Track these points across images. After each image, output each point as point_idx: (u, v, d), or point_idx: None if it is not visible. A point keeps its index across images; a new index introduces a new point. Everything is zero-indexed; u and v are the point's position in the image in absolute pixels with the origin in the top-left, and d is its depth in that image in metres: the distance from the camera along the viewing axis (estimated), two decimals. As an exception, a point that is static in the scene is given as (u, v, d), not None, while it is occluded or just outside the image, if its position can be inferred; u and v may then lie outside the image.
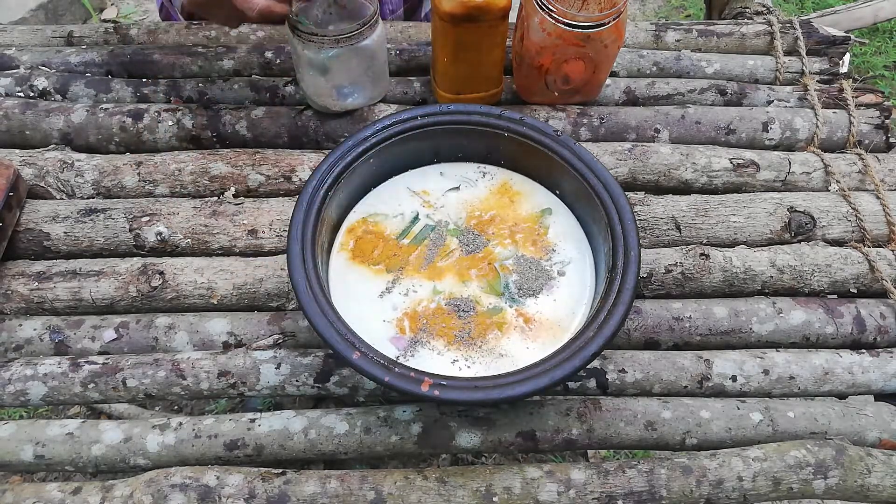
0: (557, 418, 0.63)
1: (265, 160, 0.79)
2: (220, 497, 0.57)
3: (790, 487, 0.59)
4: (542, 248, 0.67)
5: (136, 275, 0.70)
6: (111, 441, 0.61)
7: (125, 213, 0.74)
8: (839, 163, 0.83)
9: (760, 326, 0.70)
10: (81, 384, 0.64)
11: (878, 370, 0.68)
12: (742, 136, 0.85)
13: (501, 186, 0.71)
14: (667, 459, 0.60)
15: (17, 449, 0.61)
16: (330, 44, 0.72)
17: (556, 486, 0.58)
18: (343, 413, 0.63)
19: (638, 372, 0.66)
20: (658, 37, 0.95)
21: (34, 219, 0.74)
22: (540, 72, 0.79)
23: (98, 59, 0.89)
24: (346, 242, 0.67)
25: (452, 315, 0.62)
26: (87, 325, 0.68)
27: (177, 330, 0.68)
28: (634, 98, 0.88)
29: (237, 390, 0.65)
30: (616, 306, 0.56)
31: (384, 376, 0.52)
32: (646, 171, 0.80)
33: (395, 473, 0.59)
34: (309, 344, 0.68)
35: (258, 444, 0.62)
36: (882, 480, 0.60)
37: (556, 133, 0.67)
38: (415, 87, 0.87)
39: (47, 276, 0.70)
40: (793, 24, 0.95)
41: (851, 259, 0.74)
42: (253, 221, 0.74)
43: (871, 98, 0.89)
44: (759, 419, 0.64)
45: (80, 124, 0.81)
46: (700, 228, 0.76)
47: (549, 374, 0.53)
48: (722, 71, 0.92)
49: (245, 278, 0.70)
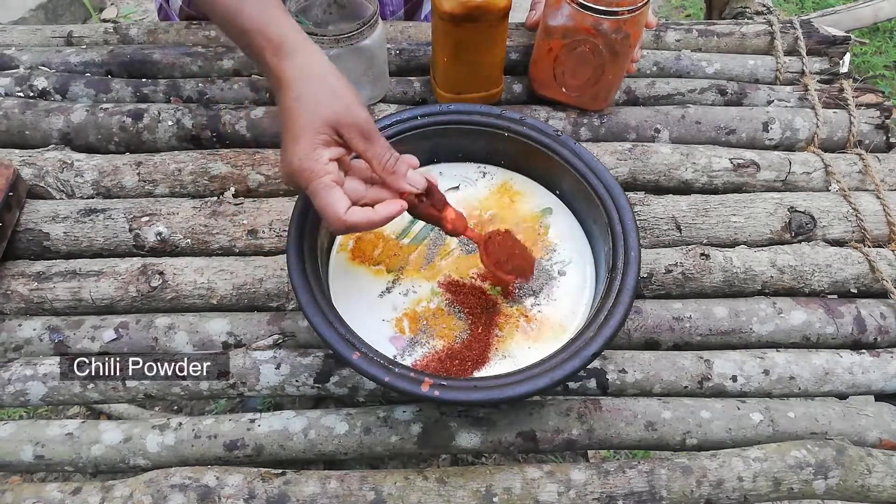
0: (557, 418, 0.63)
1: (265, 160, 0.78)
2: (219, 497, 0.56)
3: (790, 488, 0.59)
4: (543, 247, 0.67)
5: (136, 275, 0.70)
6: (111, 441, 0.61)
7: (125, 213, 0.74)
8: (839, 163, 0.83)
9: (761, 326, 0.70)
10: (81, 384, 0.64)
11: (878, 370, 0.68)
12: (742, 136, 0.85)
13: (501, 186, 0.71)
14: (667, 460, 0.60)
15: (16, 449, 0.61)
16: (330, 44, 0.72)
17: (556, 486, 0.58)
18: (343, 413, 0.63)
19: (638, 372, 0.66)
20: (658, 37, 0.95)
21: (34, 219, 0.74)
22: (549, 56, 0.78)
23: (98, 59, 0.89)
24: (346, 242, 0.67)
25: (453, 316, 0.62)
26: (87, 326, 0.68)
27: (176, 330, 0.68)
28: (634, 98, 0.88)
29: (237, 390, 0.65)
30: (616, 306, 0.56)
31: (384, 376, 0.52)
32: (646, 171, 0.80)
33: (395, 474, 0.59)
34: (309, 344, 0.68)
35: (258, 445, 0.62)
36: (882, 481, 0.60)
37: (556, 133, 0.67)
38: (415, 87, 0.87)
39: (47, 276, 0.70)
40: (793, 24, 0.95)
41: (852, 259, 0.74)
42: (253, 221, 0.74)
43: (872, 98, 0.89)
44: (760, 419, 0.64)
45: (79, 124, 0.81)
46: (700, 228, 0.76)
47: (549, 374, 0.53)
48: (722, 71, 0.92)
49: (245, 278, 0.70)
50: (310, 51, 0.55)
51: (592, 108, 0.84)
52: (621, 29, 0.72)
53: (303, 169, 0.52)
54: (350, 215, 0.52)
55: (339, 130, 0.53)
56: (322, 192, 0.52)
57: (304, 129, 0.52)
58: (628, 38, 0.73)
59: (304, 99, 0.53)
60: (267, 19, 0.55)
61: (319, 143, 0.52)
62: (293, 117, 0.53)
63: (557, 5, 0.74)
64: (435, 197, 0.58)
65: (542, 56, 0.80)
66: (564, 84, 0.81)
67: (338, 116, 0.53)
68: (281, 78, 0.54)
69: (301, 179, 0.52)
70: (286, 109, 0.53)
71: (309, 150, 0.52)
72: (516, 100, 0.87)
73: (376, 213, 0.54)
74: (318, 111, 0.52)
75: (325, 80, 0.54)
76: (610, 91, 0.82)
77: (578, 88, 0.81)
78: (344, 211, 0.52)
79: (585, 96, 0.82)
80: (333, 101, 0.53)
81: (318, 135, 0.52)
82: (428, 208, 0.58)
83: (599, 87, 0.80)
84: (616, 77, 0.79)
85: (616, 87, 0.82)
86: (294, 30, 0.55)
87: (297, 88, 0.53)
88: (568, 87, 0.82)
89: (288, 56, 0.54)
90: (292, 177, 0.53)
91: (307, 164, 0.52)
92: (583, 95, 0.82)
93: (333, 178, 0.52)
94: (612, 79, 0.79)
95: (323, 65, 0.55)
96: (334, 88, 0.54)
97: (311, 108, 0.52)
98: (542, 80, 0.83)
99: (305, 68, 0.54)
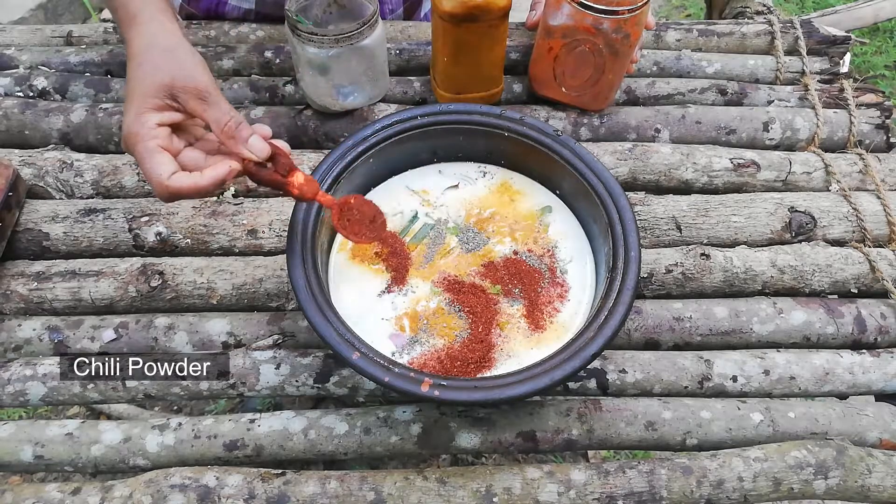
0: (558, 419, 0.63)
1: (265, 160, 0.78)
2: (219, 497, 0.56)
3: (791, 488, 0.59)
4: (543, 246, 0.67)
5: (136, 275, 0.70)
6: (111, 441, 0.61)
7: (125, 213, 0.74)
8: (840, 163, 0.83)
9: (761, 327, 0.70)
10: (81, 384, 0.64)
11: (878, 370, 0.68)
12: (742, 135, 0.85)
13: (501, 185, 0.71)
14: (667, 460, 0.60)
15: (16, 449, 0.61)
16: (330, 43, 0.72)
17: (556, 486, 0.58)
18: (343, 413, 0.63)
19: (638, 372, 0.66)
20: (658, 36, 0.95)
21: (34, 219, 0.73)
22: (550, 56, 0.78)
23: (97, 59, 0.89)
24: (346, 242, 0.67)
25: (453, 315, 0.62)
26: (87, 326, 0.68)
27: (176, 330, 0.68)
28: (634, 98, 0.88)
29: (237, 390, 0.65)
30: (616, 306, 0.56)
31: (384, 376, 0.52)
32: (646, 170, 0.80)
33: (395, 474, 0.59)
34: (309, 344, 0.68)
35: (258, 445, 0.62)
36: (882, 481, 0.60)
37: (556, 133, 0.67)
38: (415, 87, 0.87)
39: (47, 276, 0.70)
40: (793, 24, 0.95)
41: (852, 259, 0.74)
42: (253, 221, 0.74)
43: (872, 98, 0.89)
44: (760, 419, 0.64)
45: (79, 124, 0.81)
46: (700, 228, 0.76)
47: (549, 374, 0.53)
48: (722, 71, 0.92)
49: (245, 278, 0.70)
50: (163, 22, 0.55)
51: (592, 108, 0.84)
52: (622, 28, 0.72)
53: (130, 133, 0.52)
54: (173, 180, 0.51)
55: (173, 94, 0.53)
56: (146, 155, 0.51)
57: (135, 94, 0.52)
58: (629, 38, 0.73)
59: (144, 67, 0.53)
60: None
61: (148, 107, 0.52)
62: (130, 83, 0.53)
63: (558, 5, 0.74)
64: (280, 162, 0.55)
65: (542, 56, 0.80)
66: (564, 84, 0.81)
67: (173, 80, 0.52)
68: (129, 45, 0.54)
69: (128, 144, 0.53)
70: (128, 77, 0.54)
71: (137, 115, 0.52)
72: (516, 100, 0.87)
73: (202, 177, 0.52)
74: (153, 76, 0.52)
75: (170, 51, 0.54)
76: (610, 91, 0.82)
77: (578, 88, 0.81)
78: (167, 176, 0.51)
79: (585, 96, 0.82)
80: (172, 67, 0.53)
81: (148, 98, 0.52)
82: (271, 174, 0.55)
83: (599, 86, 0.80)
84: (616, 77, 0.79)
85: (616, 87, 0.82)
86: (153, 4, 0.56)
87: (140, 57, 0.54)
88: (568, 86, 0.82)
89: (139, 26, 0.55)
90: (124, 141, 0.53)
91: (134, 128, 0.52)
92: (583, 95, 0.82)
93: (160, 143, 0.52)
94: (613, 79, 0.79)
95: (173, 38, 0.55)
96: (178, 57, 0.54)
97: (148, 74, 0.53)
98: (542, 79, 0.83)
99: (153, 38, 0.54)
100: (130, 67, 0.54)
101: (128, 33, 0.55)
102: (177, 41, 0.55)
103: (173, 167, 0.52)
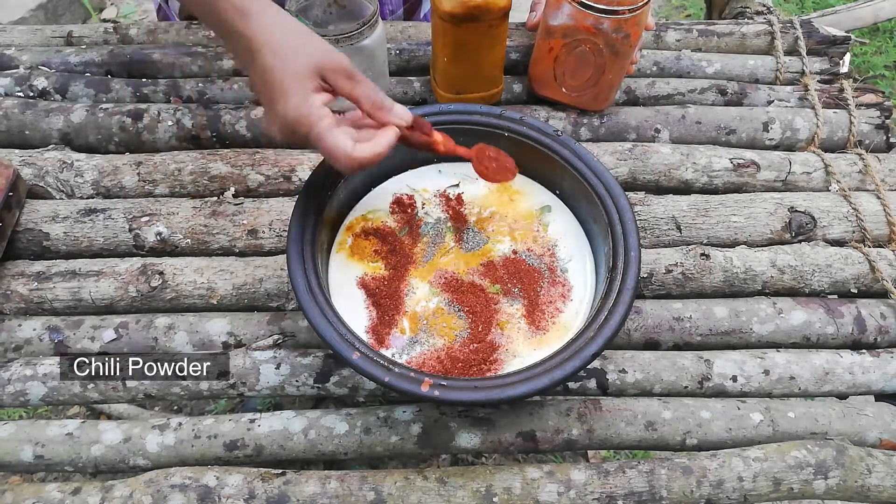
0: (558, 419, 0.63)
1: (265, 160, 0.78)
2: (219, 497, 0.56)
3: (791, 488, 0.59)
4: (543, 245, 0.67)
5: (136, 275, 0.70)
6: (111, 441, 0.61)
7: (125, 213, 0.74)
8: (839, 163, 0.83)
9: (761, 326, 0.70)
10: (81, 384, 0.64)
11: (878, 370, 0.68)
12: (742, 136, 0.85)
13: (501, 185, 0.71)
14: (667, 460, 0.60)
15: (16, 449, 0.61)
16: (330, 44, 0.72)
17: (556, 486, 0.58)
18: (343, 413, 0.63)
19: (638, 372, 0.66)
20: (658, 37, 0.95)
21: (34, 219, 0.73)
22: (550, 56, 0.78)
23: (98, 59, 0.89)
24: (345, 241, 0.67)
25: (453, 315, 0.62)
26: (87, 326, 0.68)
27: (176, 330, 0.68)
28: (634, 98, 0.88)
29: (237, 390, 0.65)
30: (616, 306, 0.56)
31: (384, 376, 0.52)
32: (646, 171, 0.80)
33: (395, 474, 0.59)
34: (309, 344, 0.68)
35: (258, 445, 0.62)
36: (882, 481, 0.60)
37: (556, 133, 0.67)
38: (415, 87, 0.87)
39: (47, 277, 0.70)
40: (793, 24, 0.95)
41: (852, 259, 0.74)
42: (253, 221, 0.74)
43: (872, 98, 0.89)
44: (760, 419, 0.64)
45: (79, 124, 0.81)
46: (700, 228, 0.76)
47: (549, 374, 0.53)
48: (722, 71, 0.92)
49: (245, 278, 0.70)
50: (274, 9, 0.56)
51: (592, 108, 0.84)
52: (622, 28, 0.72)
53: (300, 116, 0.52)
54: (357, 150, 0.53)
55: (324, 76, 0.54)
56: (326, 134, 0.53)
57: (293, 80, 0.53)
58: (629, 38, 0.73)
59: (282, 53, 0.53)
60: None
61: (310, 89, 0.53)
62: (275, 72, 0.53)
63: (558, 4, 0.74)
64: (422, 125, 0.60)
65: (542, 56, 0.80)
66: (564, 84, 0.81)
67: (321, 63, 0.53)
68: (252, 38, 0.54)
69: (301, 128, 0.53)
70: (265, 68, 0.53)
71: (303, 99, 0.52)
72: (516, 100, 0.87)
73: (378, 145, 0.55)
74: (300, 61, 0.53)
75: (306, 34, 0.55)
76: (610, 91, 0.82)
77: (578, 88, 0.81)
78: (352, 148, 0.53)
79: (585, 96, 0.82)
80: (313, 49, 0.54)
81: (307, 81, 0.53)
82: (419, 136, 0.60)
83: (599, 87, 0.80)
84: (616, 77, 0.79)
85: (616, 87, 0.82)
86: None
87: (272, 44, 0.53)
88: (568, 87, 0.82)
89: (256, 15, 0.54)
90: (290, 127, 0.53)
91: (304, 110, 0.52)
92: (583, 95, 0.82)
93: (332, 122, 0.53)
94: (613, 79, 0.79)
95: (290, 20, 0.56)
96: (315, 40, 0.55)
97: (292, 60, 0.53)
98: (542, 80, 0.83)
99: (282, 25, 0.55)
100: (263, 55, 0.53)
101: (243, 27, 0.54)
102: (296, 23, 0.56)
103: (353, 140, 0.54)
